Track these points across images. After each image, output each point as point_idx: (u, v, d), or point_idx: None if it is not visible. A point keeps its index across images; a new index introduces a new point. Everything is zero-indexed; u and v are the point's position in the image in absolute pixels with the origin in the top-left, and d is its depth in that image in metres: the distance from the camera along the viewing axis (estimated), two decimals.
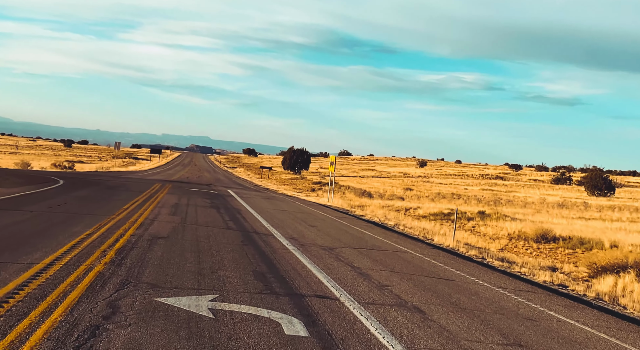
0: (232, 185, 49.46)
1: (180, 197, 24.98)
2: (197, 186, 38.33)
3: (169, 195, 25.91)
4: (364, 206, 39.46)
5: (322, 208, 30.30)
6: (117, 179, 39.29)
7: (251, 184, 61.22)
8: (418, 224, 27.66)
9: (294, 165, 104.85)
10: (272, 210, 23.72)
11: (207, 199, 26.25)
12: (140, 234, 12.31)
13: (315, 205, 32.08)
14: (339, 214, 26.85)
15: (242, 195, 32.55)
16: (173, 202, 21.85)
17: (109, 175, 44.53)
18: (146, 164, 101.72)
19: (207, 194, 30.32)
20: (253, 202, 27.49)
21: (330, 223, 21.00)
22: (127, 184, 32.98)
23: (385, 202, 45.09)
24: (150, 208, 18.48)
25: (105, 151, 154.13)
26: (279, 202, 30.77)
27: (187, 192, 29.41)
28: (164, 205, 20.04)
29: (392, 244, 16.29)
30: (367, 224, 23.26)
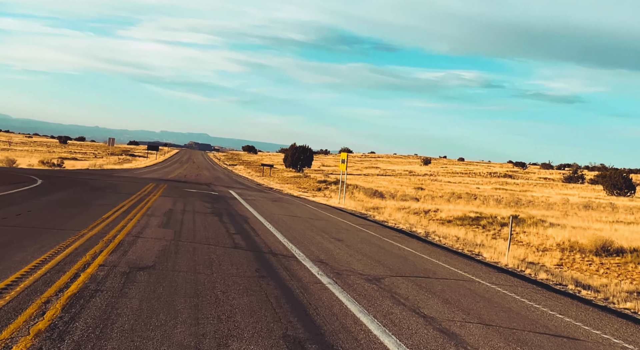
0: (233, 184, 45.81)
1: (175, 201, 21.34)
2: (196, 186, 34.69)
3: (163, 198, 22.27)
4: (379, 208, 35.90)
5: (337, 212, 26.67)
6: (108, 177, 35.64)
7: (253, 182, 57.59)
8: (448, 231, 24.07)
9: (296, 162, 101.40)
10: (283, 216, 20.08)
11: (207, 202, 22.61)
12: (114, 263, 8.66)
13: (329, 209, 28.46)
14: (358, 220, 23.23)
15: (246, 197, 28.91)
16: (166, 208, 18.20)
17: (99, 174, 40.87)
18: (142, 161, 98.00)
19: (207, 195, 26.69)
20: (260, 206, 23.86)
21: (356, 234, 17.36)
22: (117, 183, 29.33)
23: (400, 203, 41.56)
24: (137, 216, 14.85)
25: (101, 148, 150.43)
26: (288, 205, 27.13)
27: (184, 194, 25.76)
28: (154, 213, 16.40)
29: (446, 267, 12.65)
30: (396, 233, 19.62)
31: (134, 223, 13.60)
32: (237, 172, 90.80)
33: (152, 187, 28.32)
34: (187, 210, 18.48)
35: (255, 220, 17.52)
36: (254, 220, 17.47)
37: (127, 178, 37.38)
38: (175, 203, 20.59)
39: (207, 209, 19.72)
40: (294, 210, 24.10)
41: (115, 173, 46.04)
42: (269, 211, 21.57)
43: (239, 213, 19.46)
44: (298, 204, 28.56)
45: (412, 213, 34.85)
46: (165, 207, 18.41)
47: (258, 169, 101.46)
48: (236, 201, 25.06)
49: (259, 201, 26.79)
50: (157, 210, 17.12)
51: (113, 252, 9.53)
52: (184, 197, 24.22)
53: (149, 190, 25.91)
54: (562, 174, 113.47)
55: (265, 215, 19.57)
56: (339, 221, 21.25)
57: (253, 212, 20.39)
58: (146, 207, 17.85)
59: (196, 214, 17.58)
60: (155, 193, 24.44)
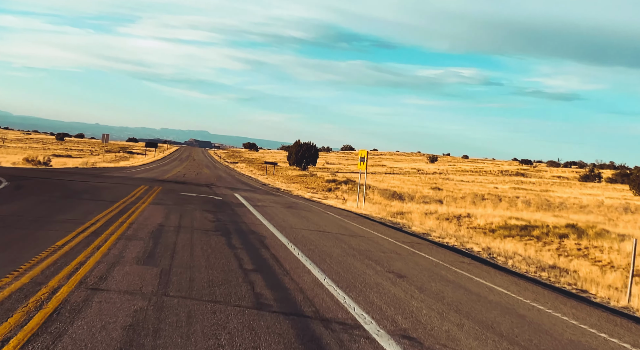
0: (237, 185, 41.18)
1: (169, 211, 16.71)
2: (196, 188, 30.06)
3: (154, 206, 17.65)
4: (404, 214, 31.32)
5: (364, 222, 22.08)
6: (94, 178, 31.02)
7: (258, 182, 52.95)
8: (504, 247, 19.50)
9: (301, 160, 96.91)
10: (308, 232, 15.48)
11: (209, 211, 17.99)
12: None
13: (353, 216, 23.85)
14: (397, 235, 18.61)
15: (254, 202, 24.29)
16: (155, 224, 13.58)
17: (87, 174, 36.24)
18: (140, 159, 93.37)
19: (209, 201, 22.06)
20: (274, 215, 19.23)
21: (414, 262, 12.74)
22: (102, 186, 24.71)
23: (423, 206, 37.00)
24: (109, 242, 10.26)
25: (99, 145, 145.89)
26: (306, 213, 22.51)
27: (181, 200, 21.14)
28: (137, 233, 11.79)
29: (593, 332, 8.05)
30: (457, 256, 15.01)
31: (100, 255, 8.97)
32: (239, 170, 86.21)
33: (143, 191, 23.72)
34: (184, 226, 13.86)
35: (276, 242, 12.89)
36: (275, 242, 12.84)
37: (117, 179, 32.76)
38: (169, 214, 15.98)
39: (209, 222, 15.09)
40: (316, 220, 19.46)
41: (106, 172, 41.42)
42: (288, 224, 16.94)
43: (252, 229, 14.82)
44: (317, 212, 23.94)
45: (443, 219, 30.31)
46: (154, 222, 13.80)
47: (260, 167, 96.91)
48: (244, 209, 20.42)
49: (271, 208, 22.16)
50: (142, 229, 12.50)
51: (36, 334, 4.91)
52: (180, 204, 19.60)
53: (139, 195, 21.29)
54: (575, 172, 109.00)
55: (286, 231, 14.95)
56: (377, 238, 16.61)
57: (269, 226, 15.76)
58: (128, 222, 13.23)
59: (195, 232, 12.97)
60: (145, 199, 19.82)
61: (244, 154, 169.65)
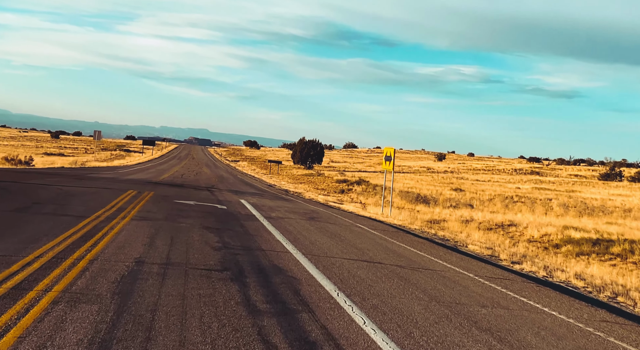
0: (241, 187, 36.46)
1: (155, 233, 12.01)
2: (194, 193, 25.34)
3: (137, 224, 12.95)
4: (439, 222, 26.65)
5: (409, 239, 17.38)
6: (76, 181, 26.34)
7: (263, 183, 48.22)
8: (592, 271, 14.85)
9: (306, 159, 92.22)
10: (353, 264, 10.80)
11: (212, 230, 13.29)
12: None
13: (391, 231, 19.15)
14: (466, 263, 13.90)
15: (267, 211, 19.58)
16: (129, 261, 8.87)
17: (70, 175, 31.53)
18: (137, 157, 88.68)
19: (211, 213, 17.34)
20: (297, 233, 14.53)
21: (546, 327, 8.08)
22: (79, 192, 20.01)
23: (453, 212, 32.35)
24: (32, 314, 5.64)
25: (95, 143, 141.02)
26: (334, 227, 17.78)
27: (175, 212, 16.43)
28: (92, 285, 7.12)
29: None
30: (589, 306, 10.32)
31: None
32: (241, 169, 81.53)
33: (128, 198, 19.02)
34: (174, 261, 9.18)
35: (317, 291, 8.17)
36: (315, 292, 8.12)
37: (104, 181, 28.05)
38: (155, 238, 11.29)
39: (212, 252, 10.40)
40: (352, 240, 14.74)
41: (94, 173, 36.71)
42: (321, 249, 12.25)
43: (275, 263, 10.12)
44: (345, 224, 19.19)
45: (484, 229, 25.65)
46: (128, 256, 9.12)
47: (263, 165, 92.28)
48: (257, 223, 15.70)
49: (290, 221, 17.44)
50: (106, 272, 7.83)
51: None
52: (173, 218, 14.89)
53: (121, 205, 16.59)
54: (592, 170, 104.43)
55: (323, 265, 10.25)
56: (447, 271, 11.88)
57: (297, 255, 11.06)
58: (87, 258, 8.55)
59: (191, 276, 8.28)
60: (128, 211, 15.13)
61: (245, 152, 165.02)
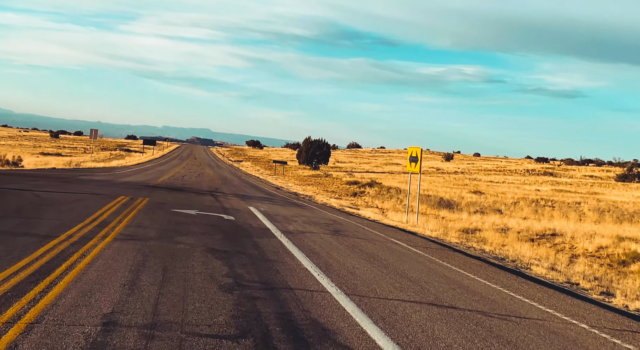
0: (247, 190, 33.26)
1: (142, 261, 8.81)
2: (196, 198, 22.13)
3: (119, 247, 9.78)
4: (474, 231, 23.46)
5: (462, 260, 14.18)
6: (63, 185, 23.20)
7: (269, 185, 45.01)
8: None
9: (311, 159, 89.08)
10: (419, 312, 7.60)
11: (218, 256, 10.07)
12: None
13: (433, 248, 15.95)
14: (558, 301, 10.68)
15: (283, 224, 16.38)
16: (97, 318, 5.64)
17: (58, 177, 28.38)
18: (136, 158, 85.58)
19: (216, 227, 14.14)
20: (327, 257, 11.34)
21: None
22: (59, 200, 16.84)
23: (482, 218, 29.17)
24: None
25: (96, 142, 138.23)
26: (367, 244, 14.57)
27: (172, 227, 13.22)
28: None
29: None
30: None
31: None
32: (244, 169, 78.38)
33: (117, 207, 15.85)
34: (162, 320, 5.97)
35: None
36: None
37: (94, 185, 24.89)
38: (140, 272, 8.10)
39: (220, 298, 7.18)
40: (397, 266, 11.53)
41: (87, 175, 33.55)
42: (366, 283, 9.05)
43: (310, 313, 6.89)
44: (378, 240, 15.97)
45: (526, 240, 22.44)
46: (94, 310, 5.93)
47: (267, 165, 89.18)
48: (275, 242, 12.49)
49: (313, 238, 14.23)
50: None
51: None
52: (168, 237, 11.70)
53: (105, 218, 13.42)
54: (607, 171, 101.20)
55: (380, 317, 7.05)
56: (551, 318, 8.64)
57: (339, 297, 7.82)
58: (24, 321, 5.39)
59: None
60: (111, 227, 11.96)
61: (248, 152, 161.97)
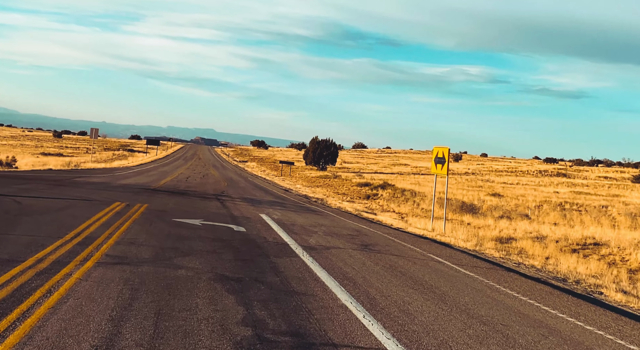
0: (256, 193, 30.94)
1: (129, 300, 6.46)
2: (201, 204, 19.81)
3: (102, 275, 7.47)
4: (509, 241, 21.11)
5: (527, 286, 11.80)
6: (53, 188, 20.93)
7: (278, 187, 42.69)
8: None
9: (319, 159, 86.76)
10: None
11: (229, 288, 7.72)
12: None
13: (485, 269, 13.60)
14: None
15: (301, 236, 14.06)
16: None
17: (50, 180, 26.13)
18: (140, 158, 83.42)
19: (224, 243, 11.79)
20: (364, 282, 9.04)
21: None
22: (40, 209, 14.56)
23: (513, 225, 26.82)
24: None
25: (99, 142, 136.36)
26: (407, 263, 12.22)
27: (171, 245, 10.85)
28: None
29: None
30: None
31: None
32: (250, 170, 76.12)
33: (108, 218, 13.56)
34: None
35: None
36: None
37: (88, 188, 22.62)
38: (123, 320, 5.79)
39: None
40: (455, 297, 9.17)
41: (83, 177, 31.29)
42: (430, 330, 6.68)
43: None
44: (416, 257, 13.61)
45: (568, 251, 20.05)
46: None
47: (273, 166, 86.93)
48: (298, 264, 10.17)
49: (340, 254, 11.89)
50: None
51: None
52: (166, 258, 9.39)
53: (92, 231, 11.13)
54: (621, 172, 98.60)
55: None
56: None
57: None
58: None
59: None
60: (97, 245, 9.66)
61: (253, 152, 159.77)
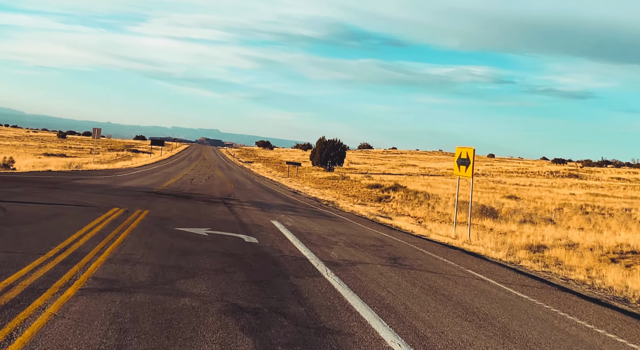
0: (264, 195, 29.28)
1: None
2: (207, 209, 18.15)
3: (83, 310, 5.82)
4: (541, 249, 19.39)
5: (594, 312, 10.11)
6: (47, 192, 19.34)
7: (286, 189, 41.03)
8: None
9: (325, 160, 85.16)
10: None
11: (244, 326, 6.05)
12: None
13: (536, 288, 11.88)
14: None
15: (320, 248, 12.40)
16: None
17: (45, 183, 24.56)
18: (144, 158, 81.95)
19: (235, 258, 10.12)
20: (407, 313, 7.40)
21: None
22: (24, 218, 12.94)
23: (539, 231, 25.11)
24: None
25: (103, 143, 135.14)
26: (448, 282, 10.53)
27: (173, 263, 9.18)
28: None
29: None
30: None
31: None
32: (256, 171, 74.52)
33: (102, 227, 11.94)
34: None
35: None
36: None
37: (87, 191, 21.01)
38: None
39: None
40: (530, 338, 7.47)
41: (82, 179, 29.72)
42: None
43: None
44: (455, 274, 11.90)
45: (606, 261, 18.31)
46: None
47: (279, 167, 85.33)
48: (322, 286, 8.51)
49: (369, 272, 10.23)
50: None
51: None
52: (167, 282, 7.73)
53: (81, 246, 9.52)
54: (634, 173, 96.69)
55: None
56: None
57: None
58: None
59: None
60: (83, 265, 8.03)
61: (259, 152, 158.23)
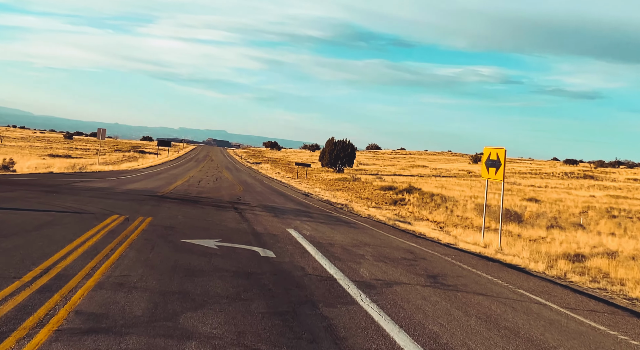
0: (274, 198, 27.61)
1: None
2: (216, 215, 16.50)
3: None
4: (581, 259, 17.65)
5: None
6: (42, 196, 17.75)
7: (296, 191, 39.36)
8: None
9: (335, 161, 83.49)
10: None
11: None
12: None
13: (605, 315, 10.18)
14: None
15: (347, 264, 10.70)
16: None
17: (43, 186, 23.01)
18: (150, 159, 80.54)
19: (250, 280, 8.42)
20: None
21: None
22: (9, 228, 11.38)
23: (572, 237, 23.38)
24: None
25: (110, 144, 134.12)
26: (506, 309, 8.82)
27: (176, 287, 7.45)
28: None
29: None
30: None
31: None
32: (264, 172, 72.94)
33: (98, 239, 10.34)
34: None
35: None
36: None
37: (86, 195, 19.41)
38: None
39: None
40: None
41: (84, 181, 28.17)
42: None
43: None
44: (510, 297, 10.17)
45: None
46: None
47: (287, 168, 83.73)
48: (362, 320, 6.82)
49: (410, 297, 8.53)
50: None
51: None
52: (167, 317, 6.07)
53: (67, 265, 7.92)
54: None
55: None
56: None
57: None
58: None
59: None
60: (65, 294, 6.41)
61: (266, 153, 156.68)
